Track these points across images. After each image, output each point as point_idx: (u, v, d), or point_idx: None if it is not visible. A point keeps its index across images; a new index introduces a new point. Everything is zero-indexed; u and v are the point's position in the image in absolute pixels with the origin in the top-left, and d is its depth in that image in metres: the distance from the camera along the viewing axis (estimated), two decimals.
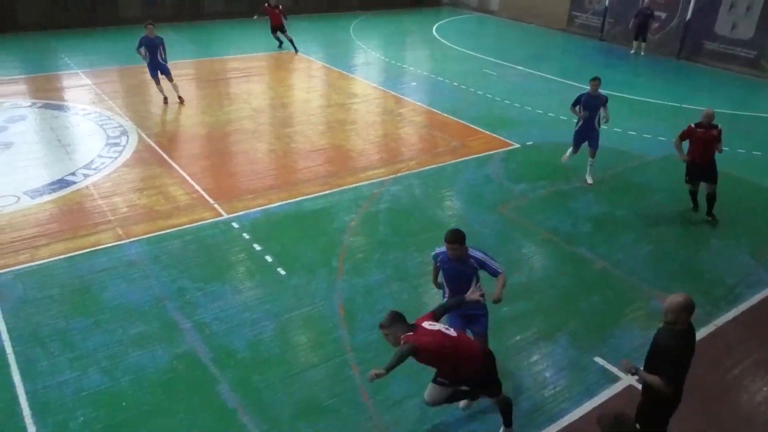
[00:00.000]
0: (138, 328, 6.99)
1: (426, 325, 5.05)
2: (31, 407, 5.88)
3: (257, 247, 8.73)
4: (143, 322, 7.11)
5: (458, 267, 5.80)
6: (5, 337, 6.79)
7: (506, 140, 12.95)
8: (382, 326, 4.98)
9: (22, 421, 5.72)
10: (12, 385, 6.15)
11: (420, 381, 6.24)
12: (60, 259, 8.30)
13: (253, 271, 8.24)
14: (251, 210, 9.78)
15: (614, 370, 6.49)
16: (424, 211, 9.95)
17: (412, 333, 4.89)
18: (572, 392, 6.22)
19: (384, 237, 9.14)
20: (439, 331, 5.01)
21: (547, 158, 12.08)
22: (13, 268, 8.07)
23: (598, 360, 6.65)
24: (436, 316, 5.23)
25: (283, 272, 8.14)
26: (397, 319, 4.97)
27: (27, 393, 6.04)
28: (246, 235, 9.03)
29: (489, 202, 10.26)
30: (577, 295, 7.81)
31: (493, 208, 10.03)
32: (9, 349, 6.61)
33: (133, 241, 8.80)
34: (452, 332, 5.11)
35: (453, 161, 11.89)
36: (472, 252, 5.82)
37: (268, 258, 8.46)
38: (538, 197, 10.51)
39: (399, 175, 11.21)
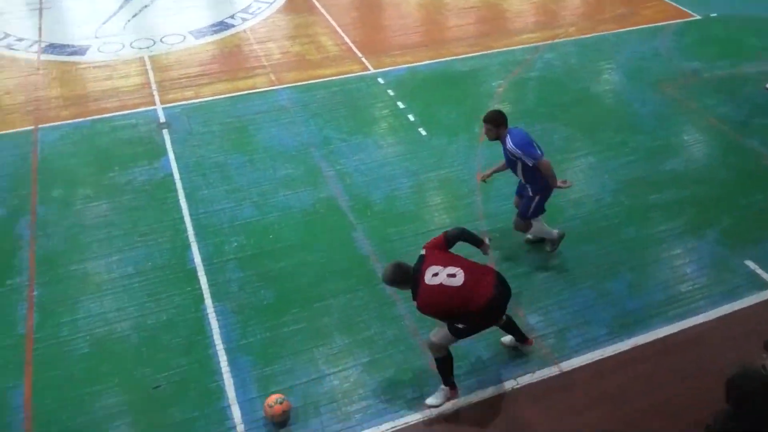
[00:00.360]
0: (286, 170, 7.46)
1: (428, 278, 4.39)
2: (194, 228, 6.63)
3: (401, 104, 8.74)
4: (291, 165, 7.56)
5: (503, 148, 5.78)
6: (174, 164, 7.56)
7: (685, 10, 11.44)
8: (383, 280, 4.64)
9: (187, 239, 6.50)
10: (179, 207, 6.92)
11: (545, 254, 6.23)
12: (221, 98, 8.89)
13: (396, 128, 8.33)
14: (397, 66, 9.70)
15: (766, 276, 6.02)
16: (578, 83, 9.31)
17: (417, 297, 4.45)
18: (712, 291, 5.89)
19: (531, 106, 8.75)
20: (440, 285, 4.38)
21: (733, 34, 10.61)
22: (181, 103, 8.78)
23: (749, 263, 6.16)
24: (447, 239, 4.65)
25: (424, 132, 8.15)
26: (396, 279, 4.50)
27: (191, 215, 6.79)
28: (390, 92, 9.04)
29: (652, 78, 9.34)
30: (737, 191, 7.13)
31: (656, 86, 9.14)
32: (177, 176, 7.38)
33: (285, 87, 9.15)
34: (457, 280, 4.37)
35: (618, 30, 10.81)
36: (511, 142, 5.61)
37: (411, 117, 8.47)
38: (713, 78, 9.38)
39: (556, 41, 10.43)
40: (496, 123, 5.70)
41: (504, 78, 9.40)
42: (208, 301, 5.79)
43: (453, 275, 4.37)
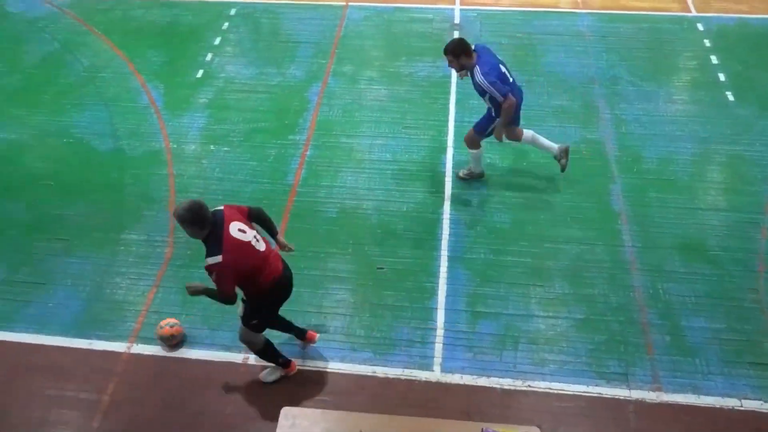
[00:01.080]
0: (561, 101, 7.12)
1: (234, 232, 3.96)
2: (455, 134, 6.75)
3: (714, 59, 7.61)
4: (568, 96, 7.18)
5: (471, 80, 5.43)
6: None
7: None
8: (174, 215, 3.97)
9: (445, 143, 6.69)
10: (447, 110, 7.09)
11: None
12: (518, 11, 8.63)
13: (698, 84, 7.33)
14: (726, 14, 8.38)
15: None
16: None
17: (220, 251, 3.88)
18: None
19: None
20: (248, 243, 4.04)
21: None
22: (478, 7, 8.73)
23: None
24: (250, 212, 4.25)
25: (731, 97, 7.06)
26: (192, 219, 3.88)
27: (455, 121, 6.93)
28: (707, 42, 7.89)
29: None
30: None
31: None
32: (453, 80, 7.43)
33: (588, 12, 8.52)
34: (260, 245, 4.14)
35: None
36: (480, 74, 5.22)
37: (721, 76, 7.36)
38: None
39: None
40: (455, 53, 5.30)
41: None
42: (447, 207, 5.98)
43: (257, 239, 4.16)
